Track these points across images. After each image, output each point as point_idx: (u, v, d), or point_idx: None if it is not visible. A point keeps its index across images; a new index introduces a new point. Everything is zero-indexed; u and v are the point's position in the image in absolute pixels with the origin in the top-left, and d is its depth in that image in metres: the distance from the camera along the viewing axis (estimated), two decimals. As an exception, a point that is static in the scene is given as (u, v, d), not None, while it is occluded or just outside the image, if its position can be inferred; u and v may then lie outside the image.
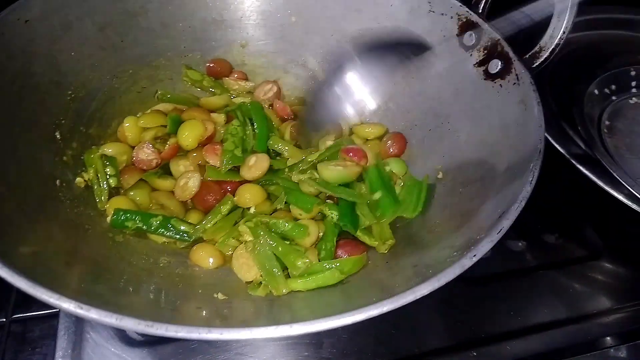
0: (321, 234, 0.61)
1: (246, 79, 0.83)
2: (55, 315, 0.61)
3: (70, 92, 0.67)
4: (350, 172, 0.64)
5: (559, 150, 0.72)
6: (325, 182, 0.64)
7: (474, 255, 0.42)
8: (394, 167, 0.68)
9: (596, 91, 0.85)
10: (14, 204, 0.51)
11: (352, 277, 0.54)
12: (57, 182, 0.60)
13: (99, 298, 0.44)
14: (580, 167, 0.69)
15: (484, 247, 0.42)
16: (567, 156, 0.71)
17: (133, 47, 0.74)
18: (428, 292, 0.39)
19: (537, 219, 0.77)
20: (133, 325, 0.36)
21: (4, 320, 0.62)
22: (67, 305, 0.37)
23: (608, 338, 0.66)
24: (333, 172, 0.64)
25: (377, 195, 0.63)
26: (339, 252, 0.59)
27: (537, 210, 0.49)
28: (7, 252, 0.42)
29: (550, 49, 0.59)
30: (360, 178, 0.66)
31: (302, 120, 0.76)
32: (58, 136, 0.64)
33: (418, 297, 0.38)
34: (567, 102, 0.81)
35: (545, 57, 0.60)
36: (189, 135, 0.69)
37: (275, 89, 0.80)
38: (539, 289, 0.70)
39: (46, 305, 0.46)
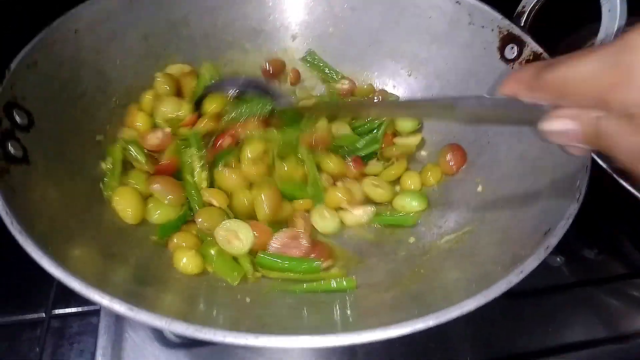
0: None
1: (299, 78, 0.83)
2: (94, 312, 0.62)
3: (114, 99, 0.69)
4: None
5: (600, 165, 0.70)
6: None
7: (521, 272, 0.41)
8: (414, 200, 0.67)
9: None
10: (63, 206, 0.53)
11: (391, 288, 0.54)
12: (101, 184, 0.62)
13: (145, 300, 0.45)
14: (622, 181, 0.68)
15: (531, 264, 0.42)
16: (609, 170, 0.69)
17: (175, 56, 0.76)
18: (475, 308, 0.38)
19: (576, 234, 0.75)
20: (182, 329, 0.36)
21: (44, 315, 0.64)
22: (119, 307, 0.38)
23: (648, 360, 0.64)
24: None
25: None
26: None
27: (576, 225, 0.48)
28: (60, 253, 0.43)
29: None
30: None
31: None
32: (102, 141, 0.66)
33: (465, 313, 0.38)
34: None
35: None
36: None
37: (348, 84, 0.81)
38: (577, 306, 0.69)
39: (85, 302, 0.47)
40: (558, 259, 0.73)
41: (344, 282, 0.55)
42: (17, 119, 0.54)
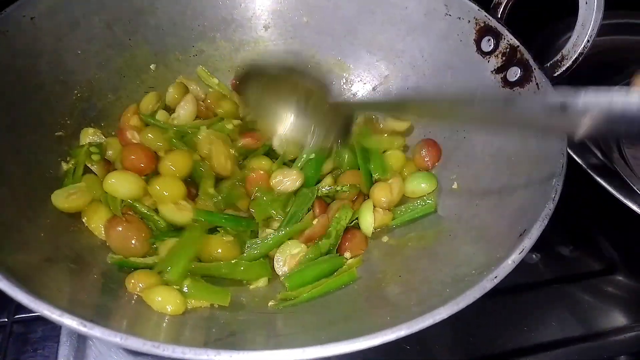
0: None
1: None
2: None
3: (76, 91, 0.66)
4: None
5: (575, 160, 0.70)
6: None
7: (495, 277, 0.40)
8: (423, 182, 0.65)
9: (615, 99, 0.83)
10: (15, 209, 0.50)
11: (365, 291, 0.52)
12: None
13: (104, 311, 0.42)
14: (598, 179, 0.67)
15: (506, 268, 0.41)
16: (584, 167, 0.69)
17: (141, 46, 0.73)
18: (447, 316, 0.37)
19: (552, 231, 0.75)
20: (138, 345, 0.34)
21: (6, 320, 0.61)
22: (70, 322, 0.35)
23: (622, 357, 0.64)
24: None
25: None
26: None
27: (552, 222, 0.47)
28: (8, 261, 0.40)
29: (573, 58, 0.57)
30: None
31: None
32: (62, 137, 0.62)
33: (437, 321, 0.37)
34: (585, 110, 0.79)
35: (567, 67, 0.57)
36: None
37: None
38: (553, 304, 0.69)
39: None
40: (534, 255, 0.73)
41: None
42: (-34, 113, 0.50)
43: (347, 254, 0.59)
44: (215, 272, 0.55)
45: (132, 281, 0.50)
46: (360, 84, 0.79)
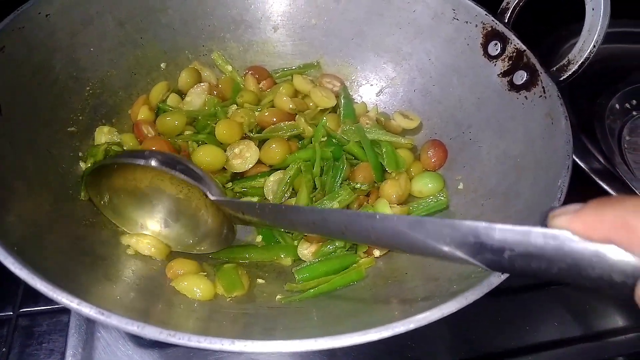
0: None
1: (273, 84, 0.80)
2: (63, 311, 0.60)
3: (88, 87, 0.67)
4: None
5: (579, 165, 0.71)
6: None
7: (502, 273, 0.41)
8: (430, 182, 0.66)
9: (617, 105, 0.84)
10: (31, 202, 0.51)
11: (371, 287, 0.53)
12: (81, 186, 0.59)
13: (117, 301, 0.43)
14: (601, 183, 0.69)
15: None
16: (588, 171, 0.70)
17: (152, 44, 0.74)
18: (456, 310, 0.38)
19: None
20: (155, 334, 0.35)
21: (11, 313, 0.62)
22: (88, 310, 0.36)
23: (620, 358, 0.65)
24: None
25: None
26: None
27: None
28: (27, 252, 0.41)
29: (580, 62, 0.58)
30: None
31: None
32: (75, 132, 0.63)
33: (445, 315, 0.38)
34: (587, 115, 0.80)
35: (574, 71, 0.58)
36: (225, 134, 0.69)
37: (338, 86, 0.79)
38: (553, 304, 0.69)
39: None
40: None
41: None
42: (-17, 107, 0.51)
43: (377, 252, 0.59)
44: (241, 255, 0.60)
45: (173, 268, 0.55)
46: (367, 85, 0.80)
